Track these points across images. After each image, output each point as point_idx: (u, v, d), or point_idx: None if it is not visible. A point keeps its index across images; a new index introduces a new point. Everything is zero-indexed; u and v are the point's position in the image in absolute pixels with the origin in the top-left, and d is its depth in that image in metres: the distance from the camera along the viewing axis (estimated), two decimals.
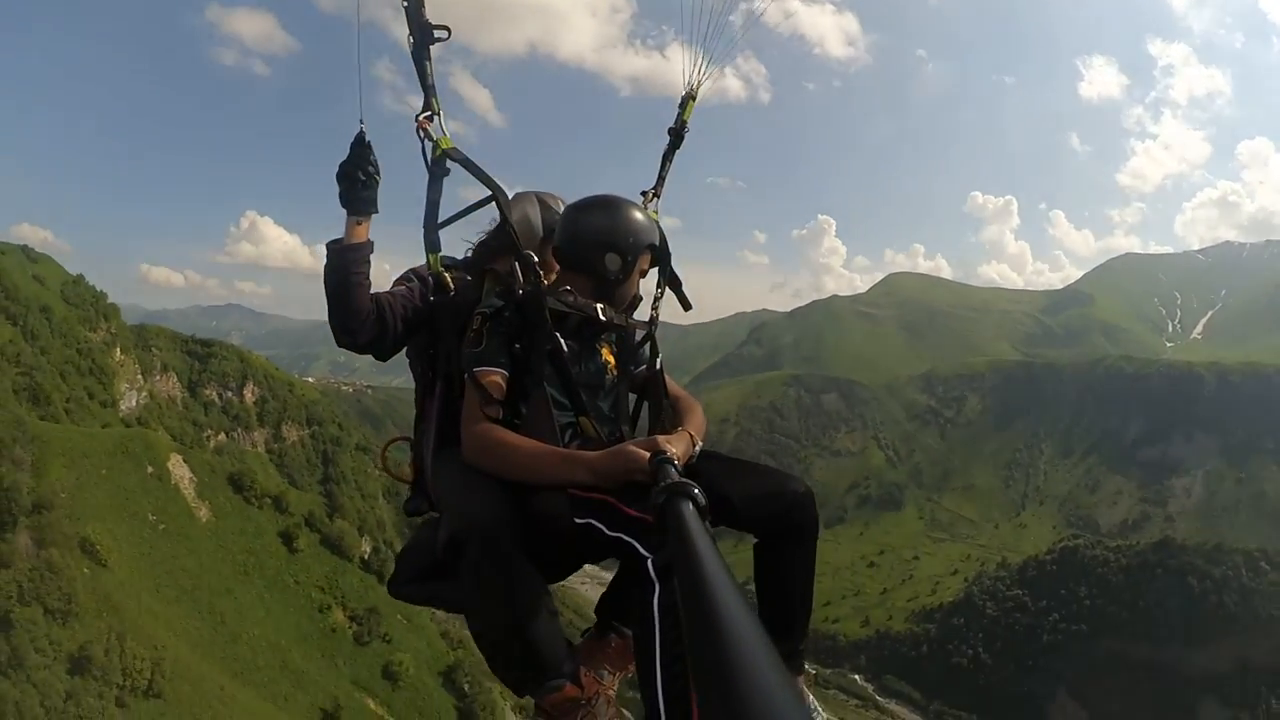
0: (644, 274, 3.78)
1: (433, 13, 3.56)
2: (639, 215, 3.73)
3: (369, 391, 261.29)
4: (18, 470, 61.99)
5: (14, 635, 50.83)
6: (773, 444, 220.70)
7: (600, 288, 3.64)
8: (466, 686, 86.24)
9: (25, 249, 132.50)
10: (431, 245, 3.78)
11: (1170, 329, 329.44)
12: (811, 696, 3.52)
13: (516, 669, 3.19)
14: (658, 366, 3.83)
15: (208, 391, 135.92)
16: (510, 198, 3.95)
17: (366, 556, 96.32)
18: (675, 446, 3.06)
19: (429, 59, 3.68)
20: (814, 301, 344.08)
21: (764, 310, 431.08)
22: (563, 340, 3.43)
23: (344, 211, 3.67)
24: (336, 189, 3.62)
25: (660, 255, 3.82)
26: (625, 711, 3.40)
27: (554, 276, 3.77)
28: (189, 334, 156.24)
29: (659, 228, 3.87)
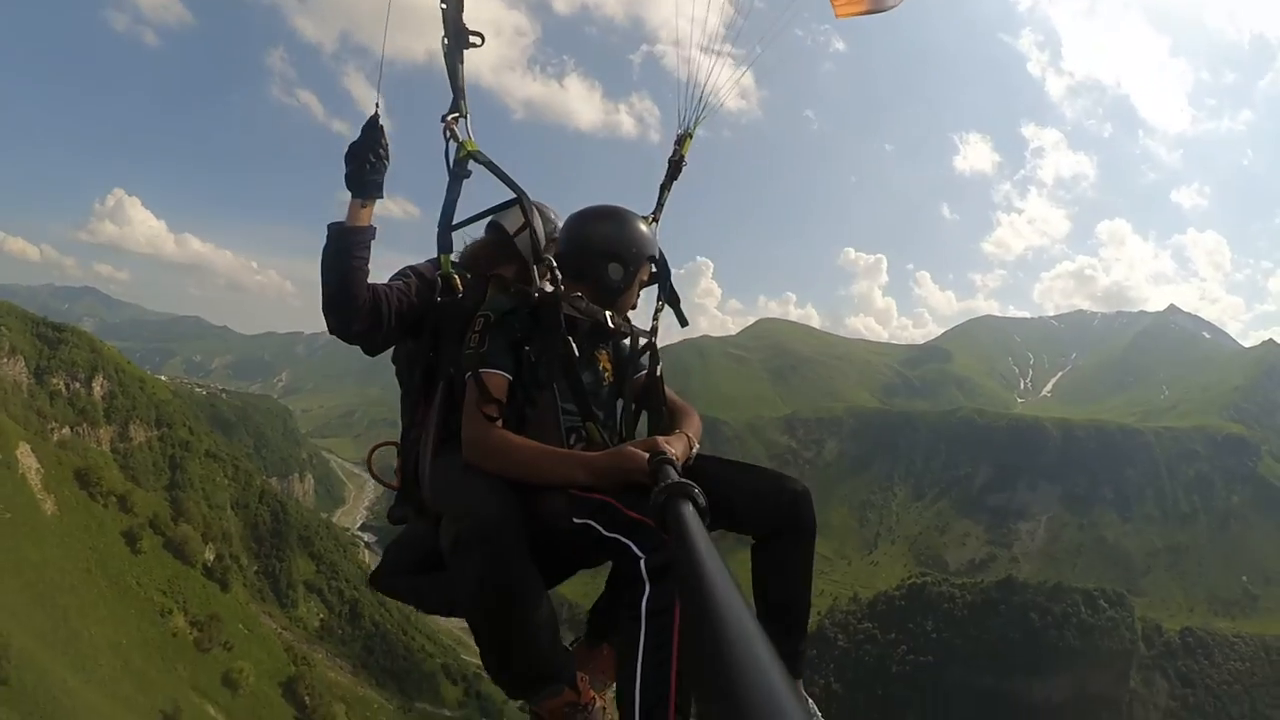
0: (643, 285, 3.81)
1: (339, 11, 2.94)
2: (642, 227, 3.75)
3: (223, 395, 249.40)
4: None
5: None
6: None
7: (601, 296, 3.64)
8: (307, 698, 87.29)
9: None
10: (445, 246, 3.70)
11: (1022, 386, 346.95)
12: (811, 702, 3.45)
13: (514, 672, 3.14)
14: (658, 374, 3.79)
15: (55, 380, 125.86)
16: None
17: (210, 563, 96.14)
18: (674, 447, 3.12)
19: (461, 61, 3.68)
20: (685, 339, 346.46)
21: None
22: (574, 345, 3.42)
23: (347, 195, 3.56)
24: (346, 165, 3.50)
25: (661, 270, 3.89)
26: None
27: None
28: (40, 314, 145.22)
29: (658, 244, 3.89)
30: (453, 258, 3.81)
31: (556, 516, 3.06)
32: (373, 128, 3.48)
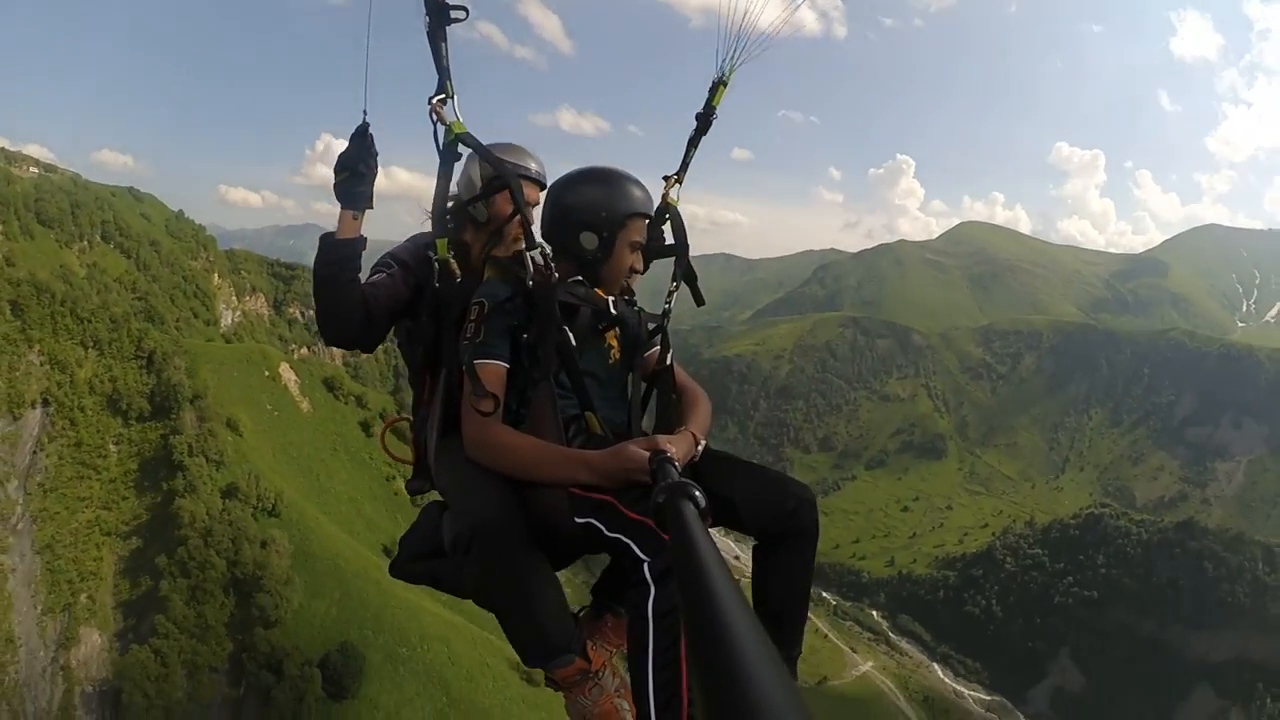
0: (635, 246, 3.64)
1: None
2: (624, 187, 3.62)
3: None
4: (178, 373, 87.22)
5: (189, 474, 78.39)
6: (823, 383, 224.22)
7: (584, 269, 3.61)
8: None
9: (132, 190, 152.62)
10: (440, 230, 3.59)
11: (1245, 308, 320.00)
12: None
13: (526, 646, 3.26)
14: (668, 361, 3.80)
15: (291, 310, 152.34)
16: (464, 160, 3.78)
17: None
18: (676, 446, 3.10)
19: (444, 39, 3.45)
20: (881, 245, 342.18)
21: (832, 250, 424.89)
22: (571, 334, 3.41)
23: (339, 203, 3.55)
24: (335, 176, 3.52)
25: (678, 244, 3.73)
26: (628, 679, 3.25)
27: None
28: (268, 254, 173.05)
29: (678, 215, 3.80)
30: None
31: (558, 517, 3.12)
32: (362, 137, 3.43)
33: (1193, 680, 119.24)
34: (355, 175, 3.44)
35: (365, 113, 3.39)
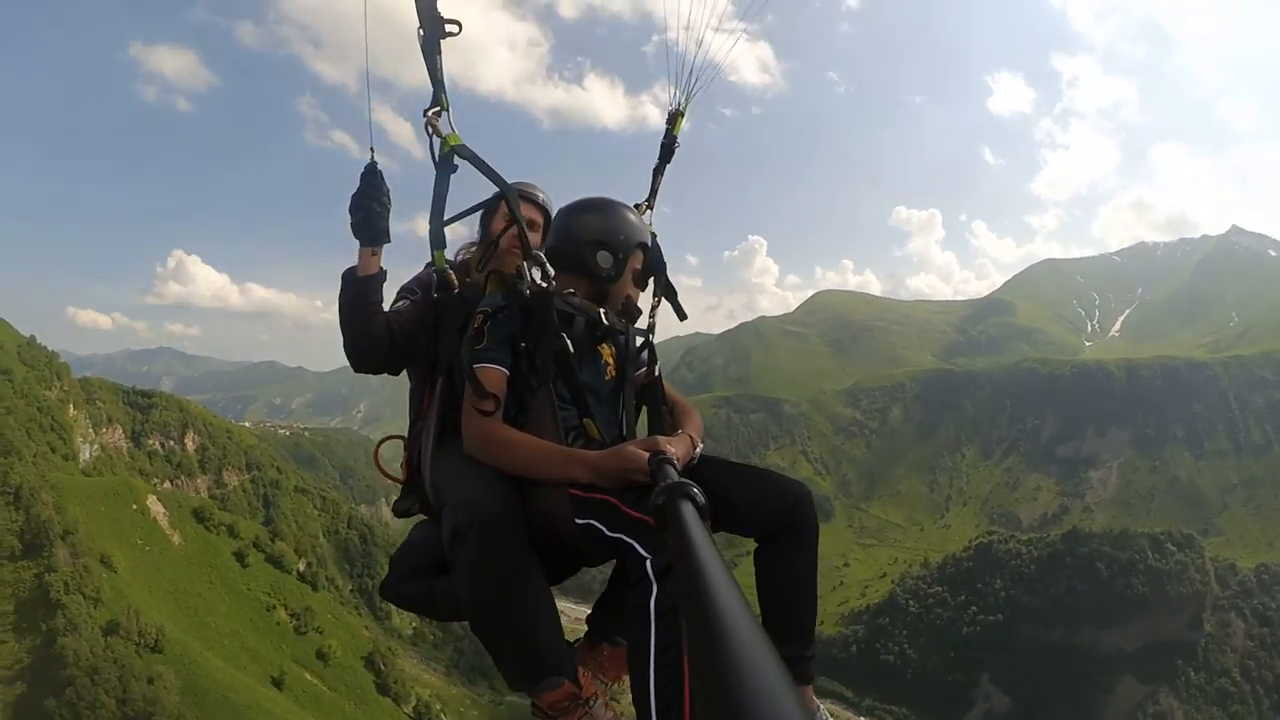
0: (637, 275, 3.82)
1: (355, 45, 3.52)
2: (631, 215, 3.84)
3: (305, 434, 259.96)
4: (46, 509, 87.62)
5: (68, 612, 77.91)
6: None
7: (594, 287, 3.71)
8: (382, 666, 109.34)
9: None
10: (437, 241, 3.71)
11: (1089, 328, 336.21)
12: (823, 707, 3.54)
13: (514, 664, 3.20)
14: (656, 373, 3.96)
15: (151, 441, 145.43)
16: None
17: (302, 570, 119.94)
18: (675, 447, 3.15)
19: (439, 53, 3.56)
20: (743, 323, 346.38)
21: (696, 334, 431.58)
22: (569, 341, 3.45)
23: (356, 243, 3.68)
24: (350, 216, 3.63)
25: (655, 262, 3.91)
26: (622, 716, 3.37)
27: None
28: (120, 379, 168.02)
29: (653, 236, 3.96)
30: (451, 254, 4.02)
31: (559, 518, 3.12)
32: (371, 175, 3.60)
33: (1114, 674, 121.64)
34: (370, 212, 3.58)
35: (372, 150, 3.62)
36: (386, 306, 3.79)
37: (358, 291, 3.62)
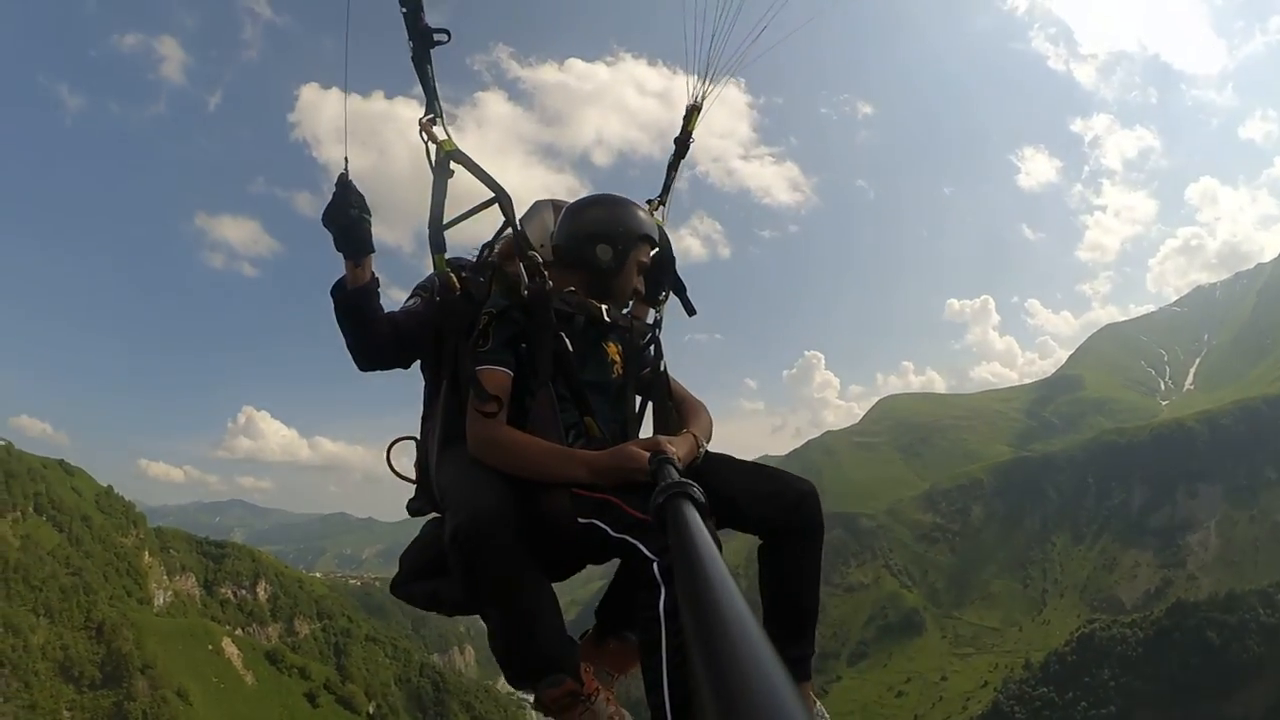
0: (642, 268, 3.80)
1: (409, 212, 3.77)
2: (633, 209, 3.80)
3: (376, 584, 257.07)
4: (127, 644, 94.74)
5: None
6: None
7: (595, 281, 3.69)
8: None
9: (62, 463, 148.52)
10: (436, 245, 3.73)
11: (1163, 387, 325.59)
12: (820, 705, 3.53)
13: (515, 662, 3.21)
14: (662, 368, 3.88)
15: (223, 590, 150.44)
16: (532, 205, 4.17)
17: (371, 712, 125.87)
18: (677, 447, 3.14)
19: (429, 63, 3.63)
20: (809, 440, 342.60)
21: (764, 455, 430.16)
22: (568, 340, 3.46)
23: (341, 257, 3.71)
24: (329, 231, 3.66)
25: (665, 258, 3.96)
26: (625, 712, 3.38)
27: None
28: (192, 530, 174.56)
29: (663, 232, 3.96)
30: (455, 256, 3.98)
31: (562, 517, 3.13)
32: (344, 186, 3.62)
33: None
34: (349, 223, 3.62)
35: (346, 160, 3.67)
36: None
37: (351, 304, 3.69)
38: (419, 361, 3.99)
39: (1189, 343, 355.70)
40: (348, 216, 3.57)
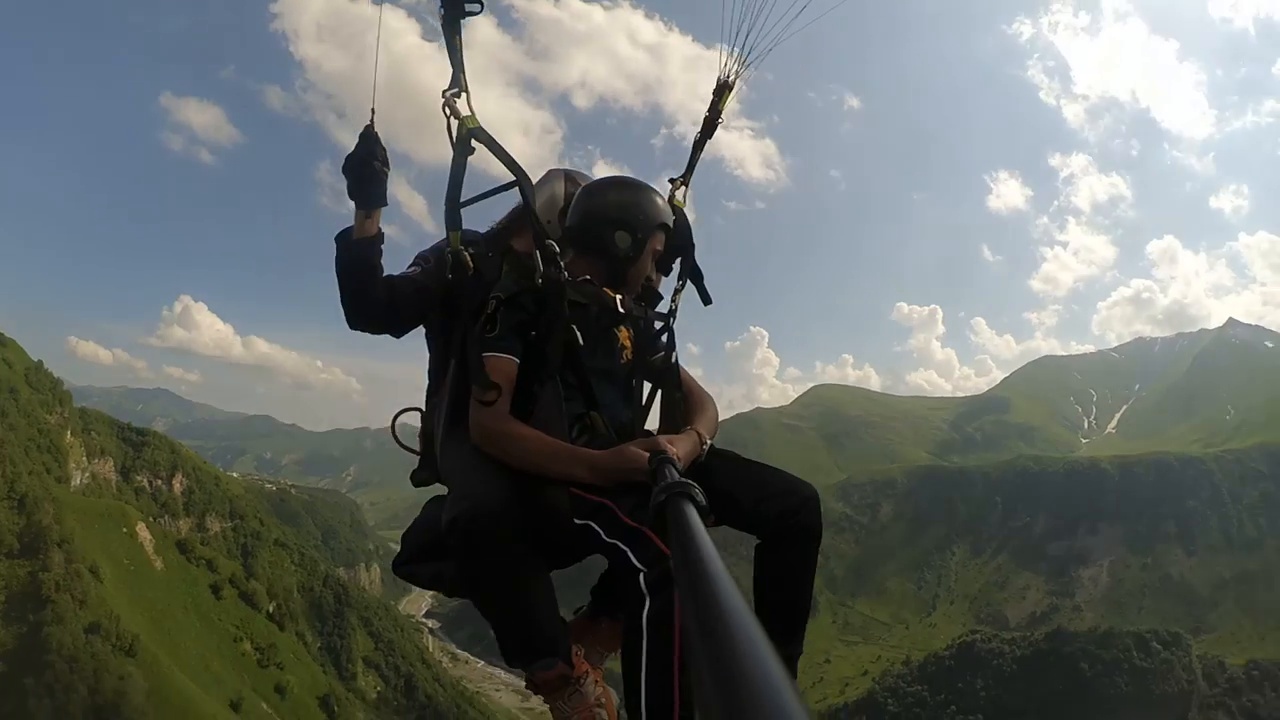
0: (658, 256, 3.75)
1: (379, 119, 3.56)
2: (653, 196, 3.73)
3: (292, 490, 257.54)
4: (47, 517, 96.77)
5: (56, 607, 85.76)
6: None
7: (611, 268, 3.64)
8: (335, 708, 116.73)
9: None
10: (452, 223, 3.58)
11: (1086, 425, 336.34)
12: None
13: (510, 645, 3.25)
14: (674, 359, 3.83)
15: (139, 478, 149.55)
16: (544, 175, 4.12)
17: (272, 611, 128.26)
18: (679, 446, 3.14)
19: (459, 34, 3.51)
20: (739, 414, 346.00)
21: None
22: (579, 332, 3.40)
23: (352, 205, 3.66)
24: (347, 178, 3.59)
25: (682, 244, 3.84)
26: (611, 690, 3.40)
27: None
28: (116, 415, 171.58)
29: (684, 216, 3.90)
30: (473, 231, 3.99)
31: (559, 515, 3.11)
32: (368, 138, 3.57)
33: None
34: (370, 172, 3.56)
35: (374, 111, 3.61)
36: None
37: (354, 254, 3.63)
38: (425, 334, 4.06)
39: (1120, 389, 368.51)
40: (371, 168, 3.55)
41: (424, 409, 3.98)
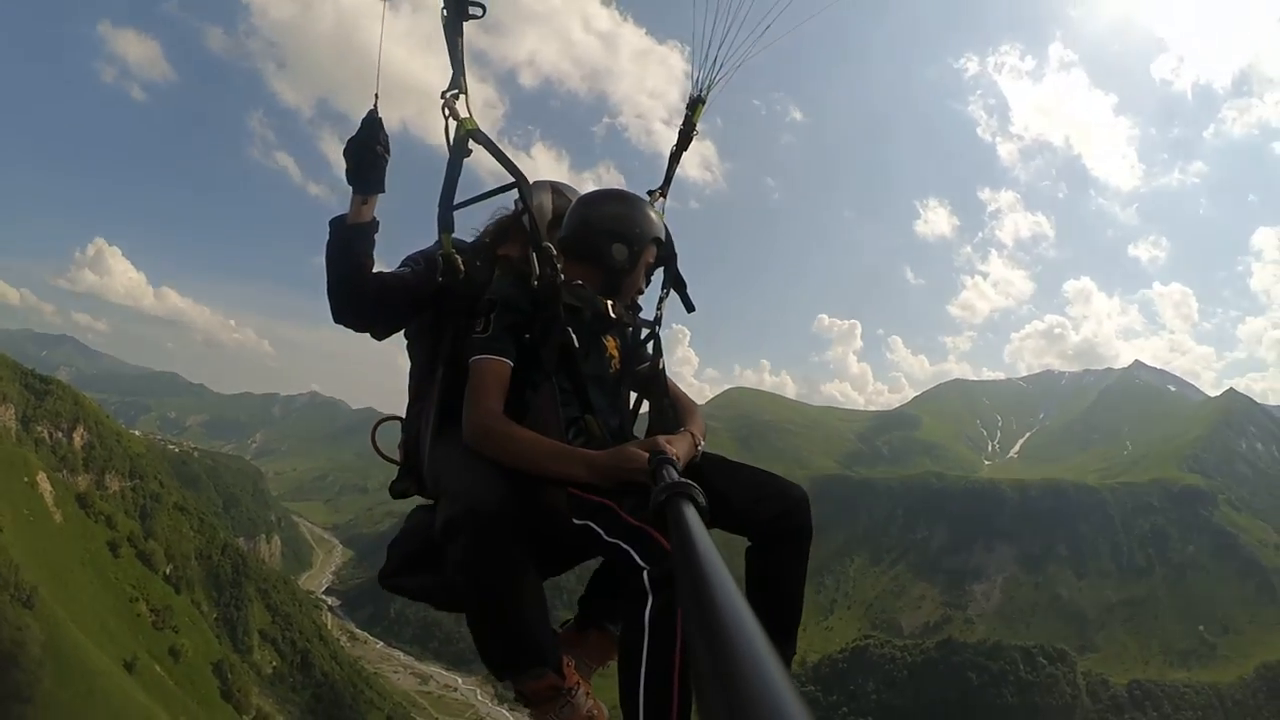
0: (649, 268, 3.73)
1: (316, 70, 2.99)
2: (648, 210, 3.71)
3: (195, 454, 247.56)
4: None
5: None
6: None
7: (606, 278, 3.60)
8: (229, 675, 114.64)
9: None
10: (445, 225, 3.55)
11: (990, 448, 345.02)
12: None
13: (500, 653, 3.16)
14: (660, 366, 3.80)
15: (39, 428, 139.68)
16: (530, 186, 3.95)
17: (168, 573, 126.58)
18: (676, 447, 3.10)
19: (460, 34, 3.47)
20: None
21: None
22: (574, 335, 3.37)
23: (349, 190, 3.54)
24: (347, 162, 3.49)
25: (667, 253, 3.81)
26: (603, 705, 3.35)
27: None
28: (19, 359, 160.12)
29: (665, 226, 3.82)
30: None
31: (558, 516, 3.04)
32: (372, 123, 3.42)
33: None
34: (371, 157, 3.50)
35: (377, 97, 3.52)
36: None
37: (347, 238, 3.53)
38: (408, 339, 3.88)
39: (1025, 416, 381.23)
40: (373, 153, 3.43)
41: (404, 418, 3.82)
